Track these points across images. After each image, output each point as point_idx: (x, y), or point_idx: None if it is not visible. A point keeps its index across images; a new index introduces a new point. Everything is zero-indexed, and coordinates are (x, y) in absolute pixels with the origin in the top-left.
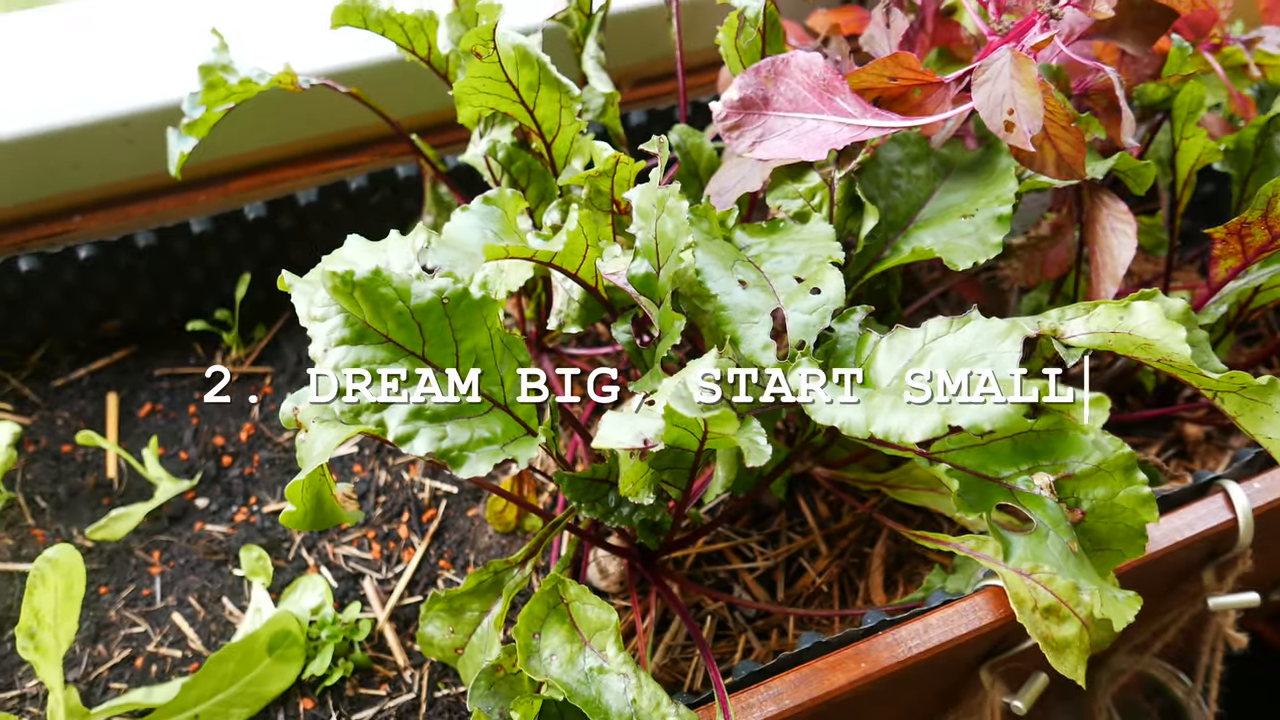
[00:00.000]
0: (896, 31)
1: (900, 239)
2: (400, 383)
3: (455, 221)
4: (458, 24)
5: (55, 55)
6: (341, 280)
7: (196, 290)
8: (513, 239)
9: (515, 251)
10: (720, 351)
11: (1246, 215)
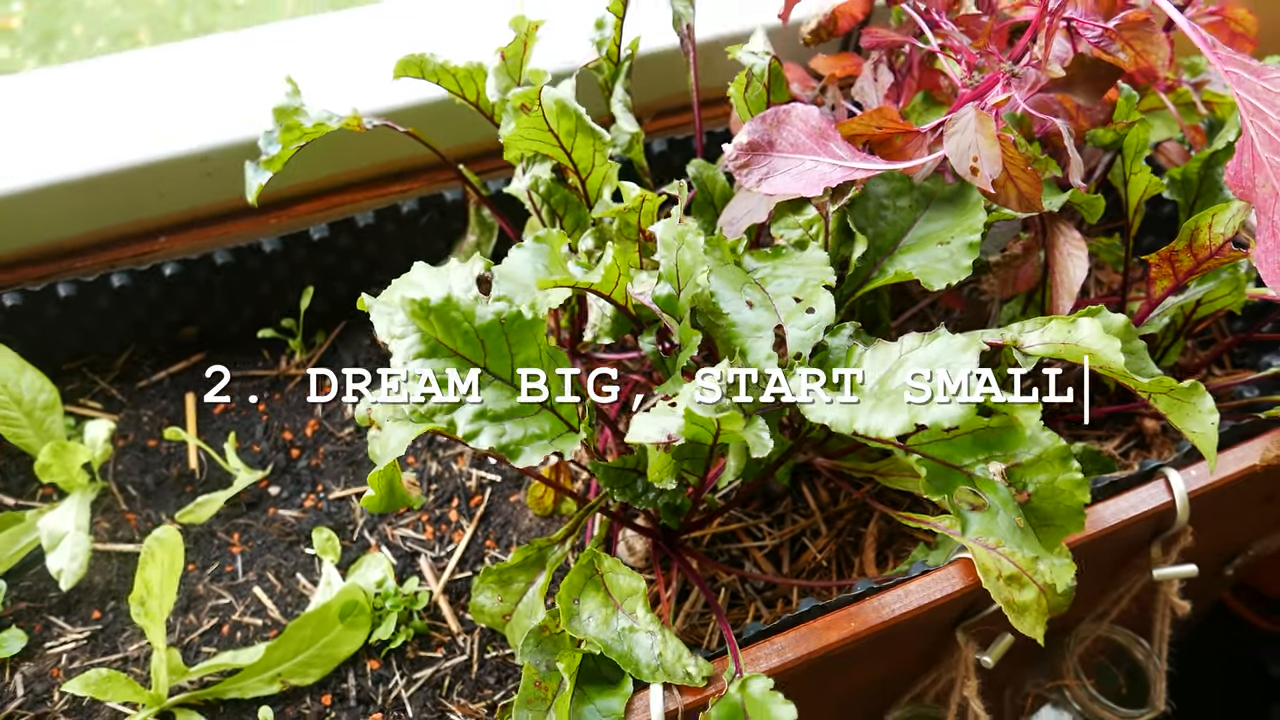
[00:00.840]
0: (883, 85)
1: (886, 262)
2: (466, 389)
3: (512, 257)
4: (504, 75)
5: (144, 97)
6: (420, 306)
7: (265, 301)
8: (558, 270)
9: (563, 282)
10: (731, 361)
11: (1175, 244)
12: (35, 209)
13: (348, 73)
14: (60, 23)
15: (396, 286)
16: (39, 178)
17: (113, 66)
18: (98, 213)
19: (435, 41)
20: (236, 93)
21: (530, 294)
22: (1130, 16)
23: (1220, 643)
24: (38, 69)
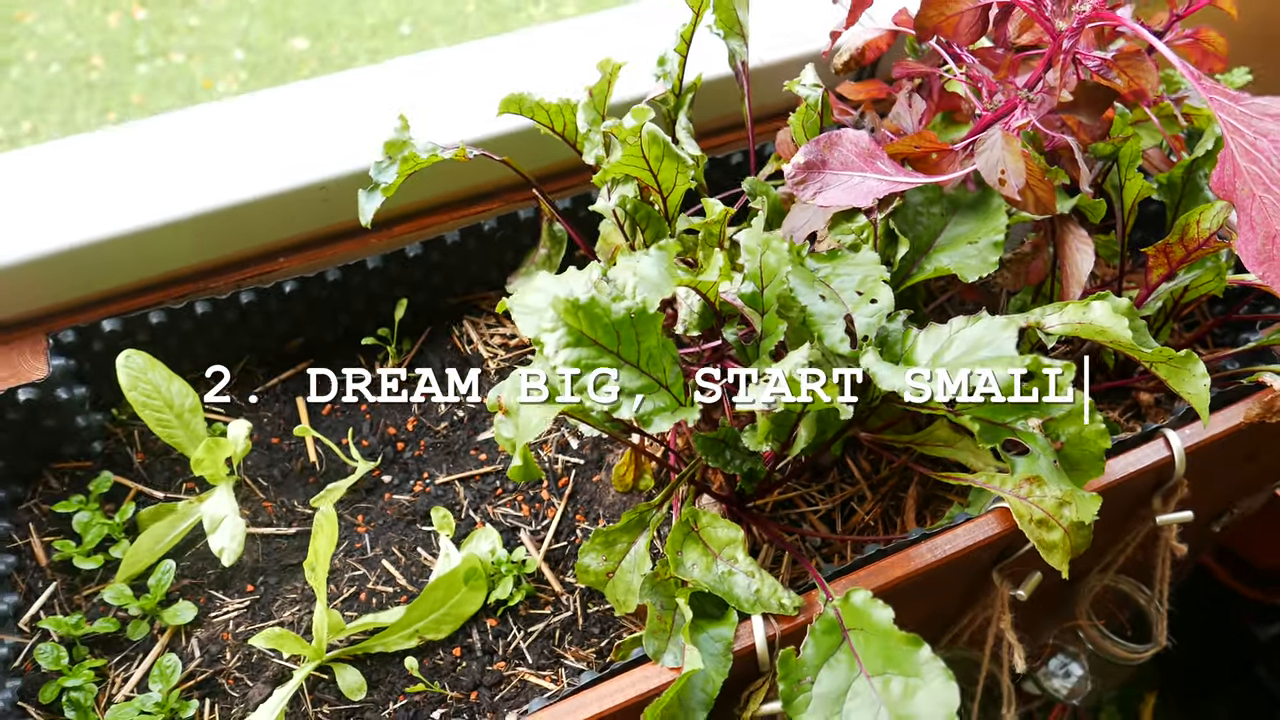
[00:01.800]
0: (917, 110)
1: (924, 260)
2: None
3: (642, 262)
4: (591, 110)
5: (267, 134)
6: (571, 304)
7: (360, 314)
8: (676, 273)
9: (687, 282)
10: (811, 345)
11: (1169, 238)
12: (177, 238)
13: (441, 107)
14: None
15: (525, 291)
16: (182, 211)
17: (236, 107)
18: (230, 239)
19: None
20: (344, 128)
21: (654, 290)
22: (1125, 49)
23: (1209, 611)
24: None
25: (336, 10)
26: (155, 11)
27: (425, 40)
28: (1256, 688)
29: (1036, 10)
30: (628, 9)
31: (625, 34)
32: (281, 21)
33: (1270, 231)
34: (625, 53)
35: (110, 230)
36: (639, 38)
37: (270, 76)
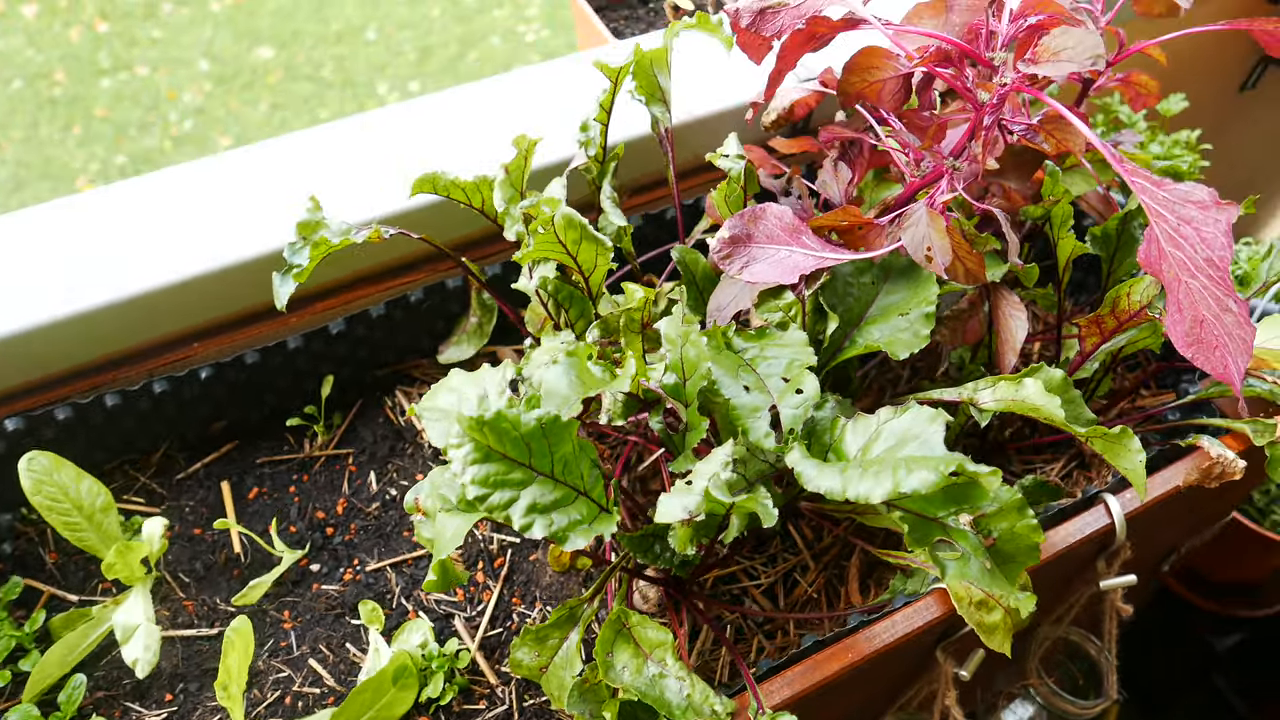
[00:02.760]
0: (842, 179)
1: (856, 333)
2: (517, 487)
3: (549, 373)
4: (508, 186)
5: (172, 215)
6: (475, 422)
7: (287, 391)
8: (588, 379)
9: (598, 389)
10: (735, 440)
11: (1101, 310)
12: (80, 331)
13: (360, 178)
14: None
15: (436, 392)
16: (83, 304)
17: (139, 187)
18: (138, 328)
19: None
20: (256, 205)
21: (560, 406)
22: (1050, 113)
23: (1167, 623)
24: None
25: (301, 18)
26: (117, 25)
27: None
28: (1215, 698)
29: (959, 83)
30: (557, 62)
31: (556, 87)
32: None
33: (1197, 316)
34: (555, 107)
35: (4, 329)
36: (569, 91)
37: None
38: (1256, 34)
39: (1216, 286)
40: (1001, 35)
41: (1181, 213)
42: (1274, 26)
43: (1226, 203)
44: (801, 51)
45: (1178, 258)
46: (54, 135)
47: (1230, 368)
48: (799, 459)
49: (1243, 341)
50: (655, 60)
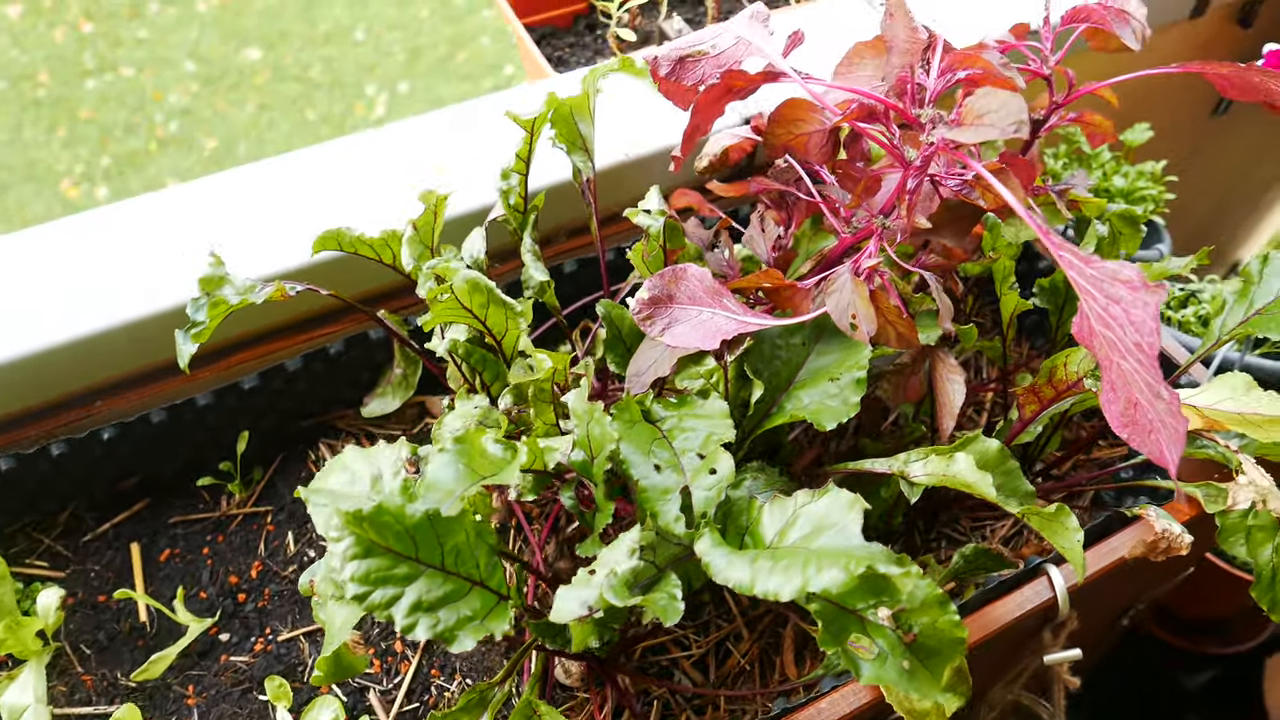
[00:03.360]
0: (770, 235)
1: (784, 398)
2: (402, 583)
3: (433, 464)
4: (417, 243)
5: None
6: (353, 517)
7: (201, 447)
8: (480, 465)
9: (492, 475)
10: (643, 526)
11: (1038, 380)
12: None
13: (270, 230)
14: None
15: (328, 471)
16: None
17: (35, 237)
18: (34, 389)
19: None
20: (159, 257)
21: (446, 500)
22: (988, 165)
23: (1138, 661)
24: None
25: (289, 18)
26: (102, 25)
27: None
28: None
29: (884, 141)
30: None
31: (486, 125)
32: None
33: (1130, 398)
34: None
35: None
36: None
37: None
38: (1210, 77)
39: (1146, 372)
40: (929, 89)
41: (1110, 291)
42: (1228, 70)
43: (1155, 285)
44: (719, 106)
45: (1108, 337)
46: (38, 137)
47: (1165, 455)
48: (708, 547)
49: (1175, 432)
50: (575, 108)
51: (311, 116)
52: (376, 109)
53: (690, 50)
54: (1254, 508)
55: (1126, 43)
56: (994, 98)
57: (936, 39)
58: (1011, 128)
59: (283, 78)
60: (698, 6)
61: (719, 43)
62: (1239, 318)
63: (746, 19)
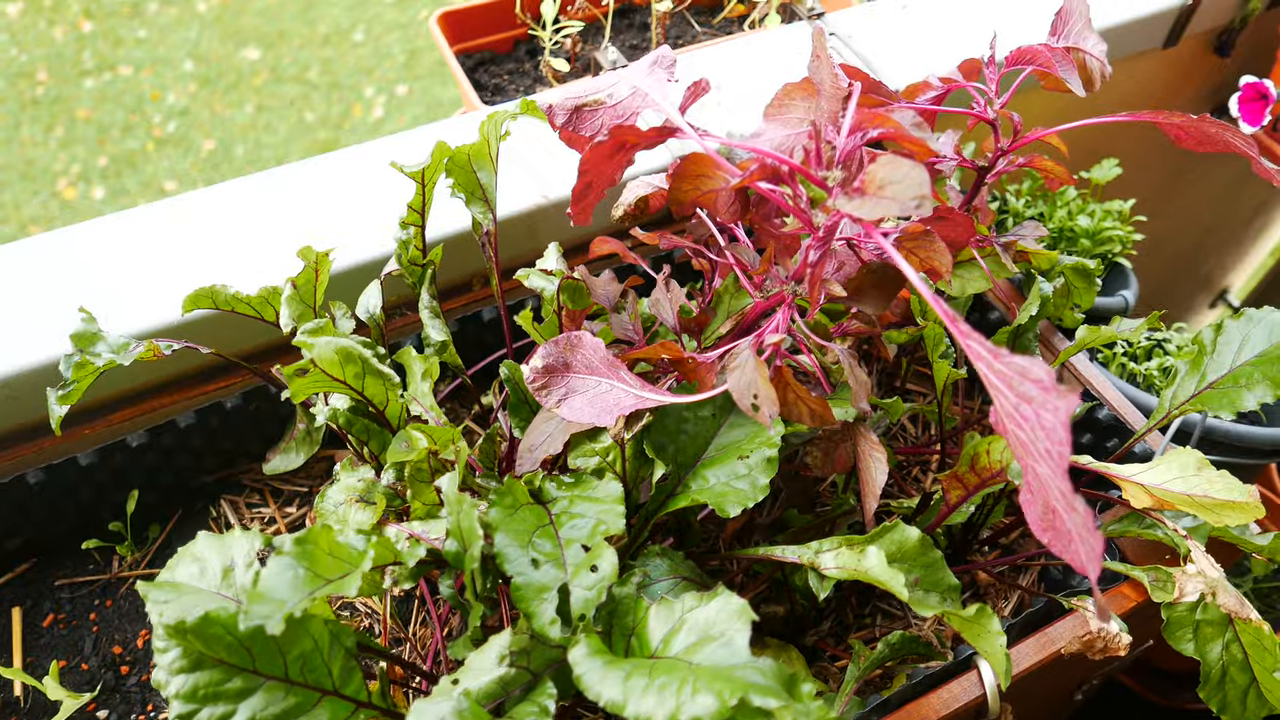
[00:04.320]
0: (676, 297)
1: (690, 476)
2: (234, 699)
3: (266, 571)
4: (298, 303)
5: None
6: (175, 629)
7: (90, 506)
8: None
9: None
10: (515, 628)
11: (958, 467)
12: None
13: (154, 281)
14: None
15: (176, 562)
16: None
17: None
18: None
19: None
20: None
21: (275, 614)
22: (909, 228)
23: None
24: None
25: (288, 19)
26: (102, 24)
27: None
28: None
29: (791, 203)
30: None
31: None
32: (232, 32)
33: (1048, 503)
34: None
35: None
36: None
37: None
38: (1164, 127)
39: (1059, 481)
40: (838, 149)
41: (1020, 389)
42: (1181, 120)
43: (1066, 389)
44: (612, 163)
45: (1020, 437)
46: (35, 136)
47: (1085, 568)
48: (582, 656)
49: (1093, 548)
50: (474, 155)
51: (309, 118)
52: (374, 111)
53: (587, 99)
54: (1202, 600)
55: (1072, 88)
56: (896, 168)
57: (853, 89)
58: (912, 203)
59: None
60: (645, 32)
61: (616, 92)
62: (1190, 390)
63: (647, 66)
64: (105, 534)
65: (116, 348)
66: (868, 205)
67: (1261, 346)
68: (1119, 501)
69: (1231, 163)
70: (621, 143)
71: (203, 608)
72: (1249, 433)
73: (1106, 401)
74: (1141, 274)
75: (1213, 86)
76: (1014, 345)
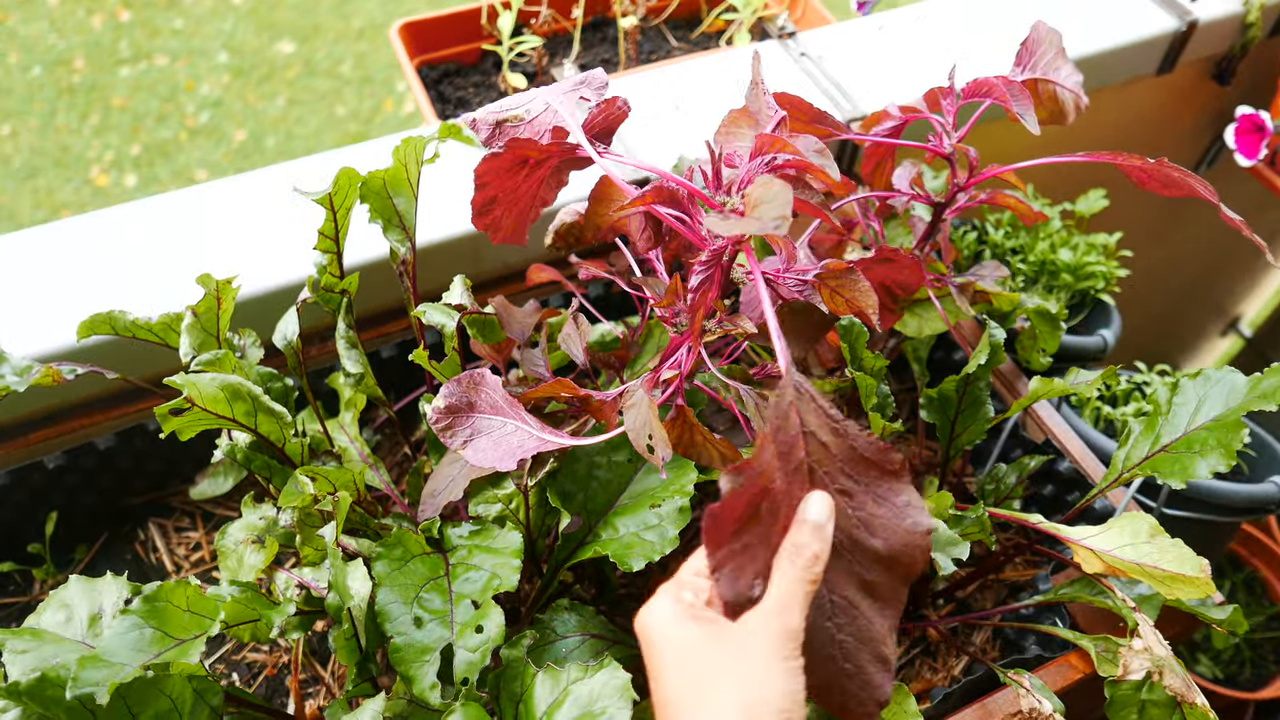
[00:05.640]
0: (585, 332)
1: (601, 524)
2: None
3: (109, 630)
4: (198, 331)
5: None
6: (7, 691)
7: (9, 527)
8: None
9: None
10: (390, 693)
11: None
12: None
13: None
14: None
15: (45, 607)
16: None
17: None
18: None
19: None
20: None
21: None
22: (830, 265)
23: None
24: None
25: (323, 13)
26: (139, 13)
27: None
28: None
29: (689, 230)
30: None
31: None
32: (267, 24)
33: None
34: None
35: None
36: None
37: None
38: (1125, 169)
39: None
40: (740, 173)
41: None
42: (1141, 164)
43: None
44: (520, 178)
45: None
46: (71, 123)
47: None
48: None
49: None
50: (390, 181)
51: (340, 112)
52: (405, 106)
53: (507, 115)
54: (1149, 679)
55: (1026, 125)
56: (769, 187)
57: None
58: (773, 224)
59: (314, 72)
60: (616, 46)
61: (532, 108)
62: (1143, 453)
63: (571, 84)
64: (25, 557)
65: (19, 370)
66: (732, 224)
67: (1217, 410)
68: (1072, 563)
69: (1244, 187)
70: (522, 157)
71: (62, 658)
72: (1222, 489)
73: (1068, 453)
74: (1144, 303)
75: (1213, 114)
76: (964, 393)
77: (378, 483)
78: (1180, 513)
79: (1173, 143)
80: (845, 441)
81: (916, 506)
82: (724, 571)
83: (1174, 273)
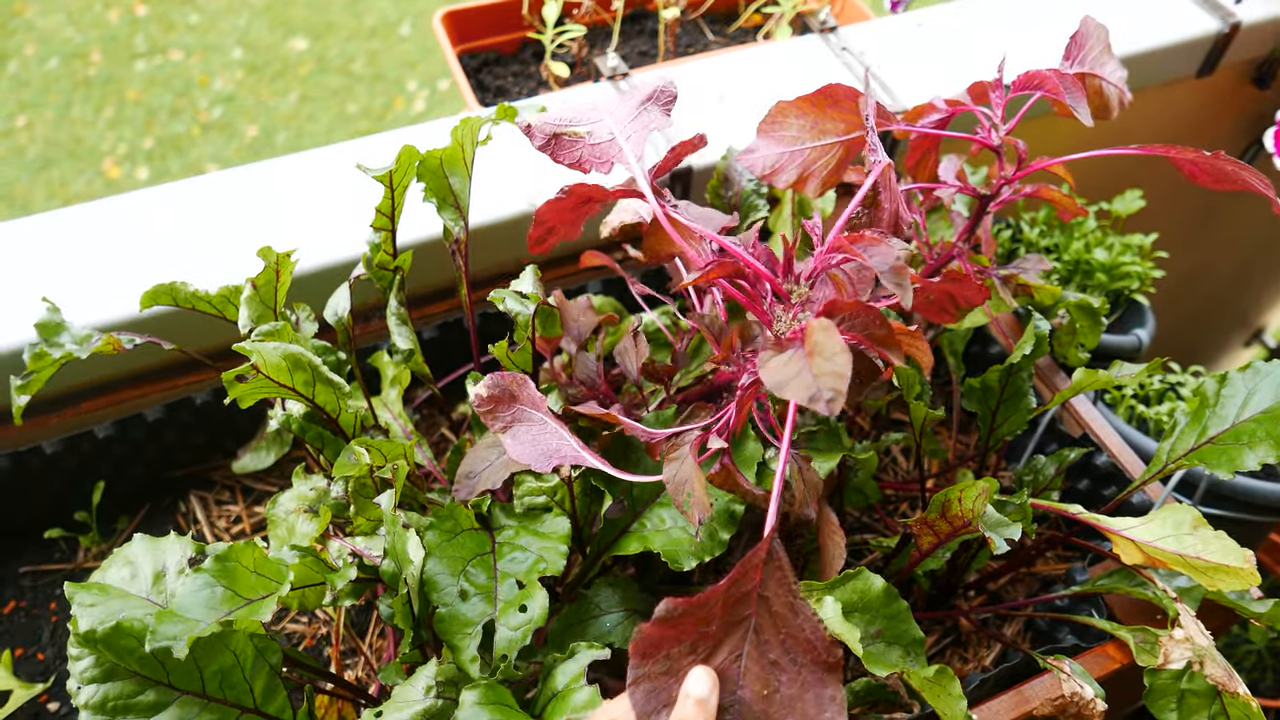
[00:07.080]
0: (642, 352)
1: (646, 514)
2: (146, 713)
3: (181, 589)
4: (257, 304)
5: None
6: (84, 639)
7: (57, 495)
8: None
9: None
10: (439, 660)
11: (929, 514)
12: None
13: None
14: (10, 43)
15: (109, 564)
16: None
17: None
18: None
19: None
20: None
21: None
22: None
23: None
24: None
25: (336, 10)
26: (156, 8)
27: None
28: None
29: (755, 306)
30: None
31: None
32: (281, 21)
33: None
34: None
35: None
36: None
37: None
38: (1177, 162)
39: None
40: (810, 267)
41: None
42: (1195, 156)
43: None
44: (573, 215)
45: None
46: (85, 115)
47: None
48: (469, 703)
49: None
50: (447, 160)
51: (352, 109)
52: (416, 104)
53: (566, 129)
54: (1189, 669)
55: (1079, 117)
56: (831, 340)
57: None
58: (827, 395)
59: (326, 69)
60: (655, 39)
61: (596, 131)
62: (1189, 444)
63: (638, 104)
64: (72, 524)
65: (79, 339)
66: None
67: (1267, 403)
68: (1109, 555)
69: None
70: (585, 198)
71: (129, 613)
72: (1258, 488)
73: (1106, 447)
74: (1172, 309)
75: (1252, 117)
76: (1006, 384)
77: (420, 459)
78: (1215, 511)
79: (1210, 145)
80: (796, 619)
81: (839, 706)
82: (640, 688)
83: (1202, 280)
